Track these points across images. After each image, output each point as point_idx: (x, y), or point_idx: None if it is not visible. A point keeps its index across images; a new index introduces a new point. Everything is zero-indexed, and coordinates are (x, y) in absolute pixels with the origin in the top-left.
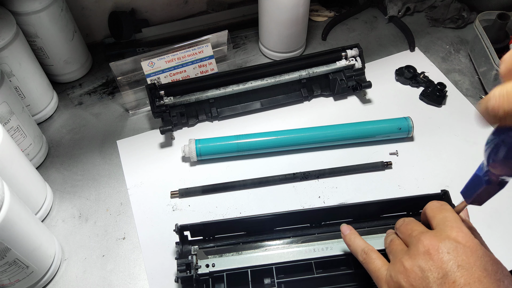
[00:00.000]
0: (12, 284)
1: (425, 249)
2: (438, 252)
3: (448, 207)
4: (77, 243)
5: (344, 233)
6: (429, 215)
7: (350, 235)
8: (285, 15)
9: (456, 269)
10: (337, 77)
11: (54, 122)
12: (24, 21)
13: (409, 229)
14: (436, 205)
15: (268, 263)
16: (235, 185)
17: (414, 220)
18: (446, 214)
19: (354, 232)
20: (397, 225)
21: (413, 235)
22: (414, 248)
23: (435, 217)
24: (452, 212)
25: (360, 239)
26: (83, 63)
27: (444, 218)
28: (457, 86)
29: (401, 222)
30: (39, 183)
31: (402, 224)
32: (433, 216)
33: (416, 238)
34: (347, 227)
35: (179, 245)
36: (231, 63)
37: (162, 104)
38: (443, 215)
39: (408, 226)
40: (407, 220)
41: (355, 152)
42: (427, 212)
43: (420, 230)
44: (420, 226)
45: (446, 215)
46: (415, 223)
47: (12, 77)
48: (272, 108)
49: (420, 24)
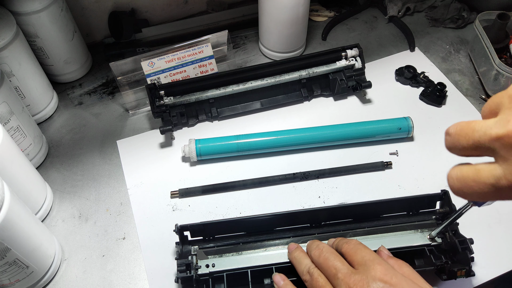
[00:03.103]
0: (12, 284)
1: None
2: None
3: (361, 246)
4: (77, 243)
5: (290, 251)
6: (347, 253)
7: (295, 251)
8: (285, 15)
9: None
10: (337, 77)
11: (54, 122)
12: (24, 21)
13: (332, 267)
14: (351, 245)
15: (268, 263)
16: (235, 185)
17: (332, 252)
18: (363, 254)
19: (302, 251)
20: (311, 251)
21: (339, 277)
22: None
23: (355, 256)
24: (367, 250)
25: (306, 258)
26: (83, 63)
27: (362, 257)
28: (457, 86)
29: (316, 251)
30: (39, 183)
31: (320, 256)
32: (353, 254)
33: (344, 282)
34: (294, 244)
35: (179, 245)
36: (231, 63)
37: (162, 104)
38: (361, 255)
39: (330, 262)
40: (325, 250)
41: (355, 152)
42: (343, 251)
43: (344, 272)
44: (342, 264)
45: (363, 254)
46: (335, 258)
47: (12, 77)
48: (272, 108)
49: (420, 24)
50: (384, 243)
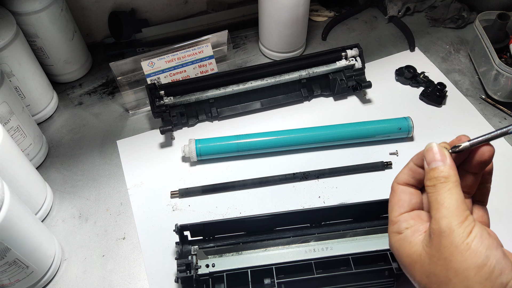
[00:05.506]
0: (12, 284)
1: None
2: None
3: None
4: (77, 243)
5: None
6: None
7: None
8: (285, 15)
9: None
10: (337, 77)
11: (54, 122)
12: (24, 21)
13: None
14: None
15: (268, 263)
16: (235, 185)
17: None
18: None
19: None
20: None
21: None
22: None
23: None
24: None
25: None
26: (83, 63)
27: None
28: (457, 86)
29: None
30: (39, 183)
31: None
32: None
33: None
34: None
35: (179, 245)
36: (231, 63)
37: (162, 104)
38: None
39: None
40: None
41: (355, 152)
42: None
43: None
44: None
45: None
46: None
47: (12, 77)
48: (272, 108)
49: (420, 24)
50: (384, 243)
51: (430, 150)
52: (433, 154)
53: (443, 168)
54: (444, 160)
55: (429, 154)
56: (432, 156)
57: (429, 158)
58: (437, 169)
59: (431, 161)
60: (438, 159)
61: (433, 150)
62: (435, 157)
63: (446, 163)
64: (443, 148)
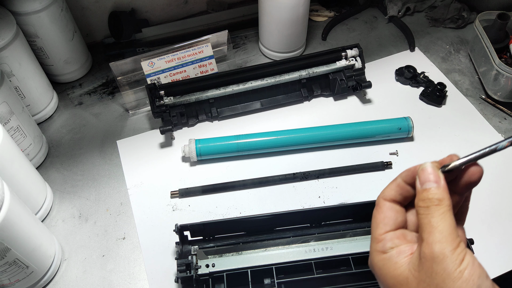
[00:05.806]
0: (12, 284)
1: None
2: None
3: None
4: (77, 243)
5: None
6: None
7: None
8: (285, 15)
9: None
10: (337, 77)
11: (54, 122)
12: (24, 21)
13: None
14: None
15: (268, 263)
16: (235, 185)
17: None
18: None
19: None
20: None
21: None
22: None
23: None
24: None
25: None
26: (83, 63)
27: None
28: (457, 86)
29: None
30: (39, 183)
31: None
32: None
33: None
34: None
35: (179, 245)
36: (231, 63)
37: (162, 104)
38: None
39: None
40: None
41: (355, 152)
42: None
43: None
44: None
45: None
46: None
47: (12, 77)
48: (272, 108)
49: (420, 24)
50: None
51: (425, 170)
52: (428, 174)
53: (437, 190)
54: (438, 181)
55: (423, 174)
56: (426, 176)
57: (422, 178)
58: (430, 190)
59: (425, 181)
60: (432, 180)
61: (427, 170)
62: (429, 177)
63: (440, 185)
64: (437, 170)
